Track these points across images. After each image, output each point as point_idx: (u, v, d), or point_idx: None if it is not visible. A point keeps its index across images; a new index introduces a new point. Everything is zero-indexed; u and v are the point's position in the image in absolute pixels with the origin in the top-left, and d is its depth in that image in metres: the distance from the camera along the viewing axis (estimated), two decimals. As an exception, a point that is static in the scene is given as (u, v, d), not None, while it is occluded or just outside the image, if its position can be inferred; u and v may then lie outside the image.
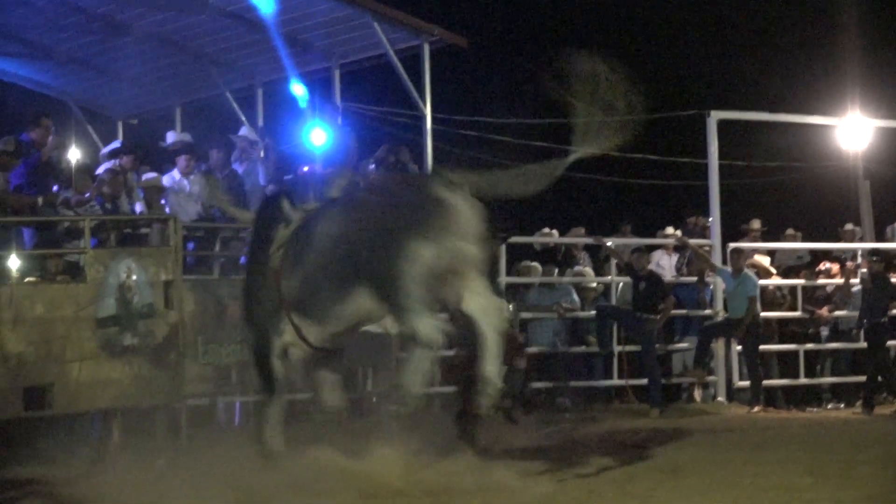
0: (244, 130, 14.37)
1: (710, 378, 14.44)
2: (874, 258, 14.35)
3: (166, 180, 13.04)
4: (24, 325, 9.90)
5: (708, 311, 14.74)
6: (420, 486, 8.14)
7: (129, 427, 10.24)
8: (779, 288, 15.18)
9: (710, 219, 14.99)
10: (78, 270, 10.89)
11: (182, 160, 13.15)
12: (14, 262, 10.40)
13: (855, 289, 14.97)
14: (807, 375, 14.95)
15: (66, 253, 11.11)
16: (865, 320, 14.15)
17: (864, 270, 14.58)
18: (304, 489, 7.77)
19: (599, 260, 15.28)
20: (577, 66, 8.11)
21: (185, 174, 13.10)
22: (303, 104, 14.63)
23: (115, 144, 14.25)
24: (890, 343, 14.47)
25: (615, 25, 25.55)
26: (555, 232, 14.96)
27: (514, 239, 13.77)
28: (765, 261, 15.16)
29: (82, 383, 9.96)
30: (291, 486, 7.84)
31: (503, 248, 13.41)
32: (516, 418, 11.44)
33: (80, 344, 10.10)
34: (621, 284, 14.43)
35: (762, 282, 14.46)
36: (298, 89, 14.48)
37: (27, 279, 10.43)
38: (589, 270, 14.77)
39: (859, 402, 14.18)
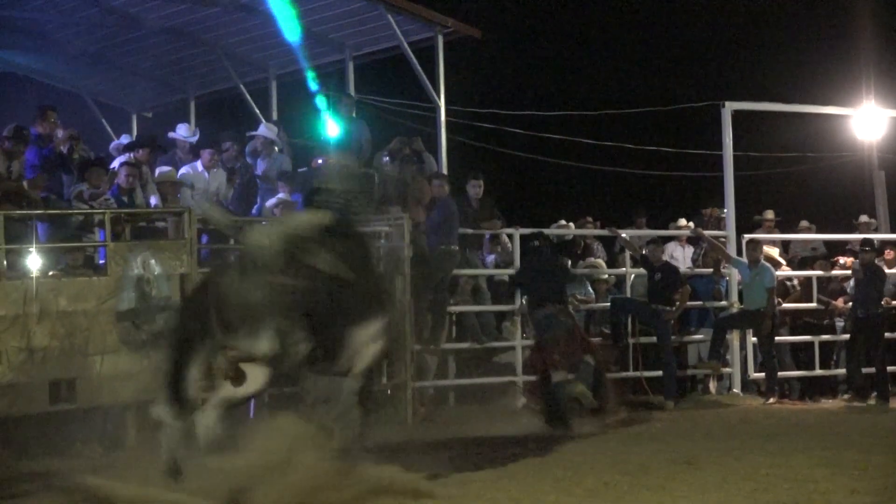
0: (263, 129, 14.40)
1: (726, 370, 14.43)
2: (866, 248, 14.32)
3: (188, 170, 13.12)
4: (49, 319, 9.94)
5: (723, 303, 14.73)
6: (439, 476, 8.15)
7: (144, 420, 10.26)
8: (788, 279, 15.17)
9: (725, 210, 14.98)
10: (94, 264, 10.92)
11: (206, 154, 13.29)
12: (34, 256, 10.42)
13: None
14: (822, 367, 14.93)
15: (87, 246, 11.14)
16: (860, 311, 14.13)
17: (856, 261, 14.56)
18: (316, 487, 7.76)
19: (614, 252, 15.28)
20: None
21: (207, 168, 13.21)
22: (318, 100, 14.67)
23: (124, 140, 14.30)
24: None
25: (629, 17, 25.53)
26: (571, 224, 14.96)
27: (529, 231, 13.78)
28: (773, 251, 15.14)
29: (104, 377, 9.99)
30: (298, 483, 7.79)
31: (517, 240, 13.43)
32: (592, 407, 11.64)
33: (103, 337, 10.14)
34: (633, 276, 14.42)
35: (777, 273, 14.44)
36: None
37: (51, 273, 10.47)
38: (601, 262, 14.77)
39: (874, 394, 14.14)
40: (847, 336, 14.67)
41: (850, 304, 14.53)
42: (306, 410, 8.03)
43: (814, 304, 14.99)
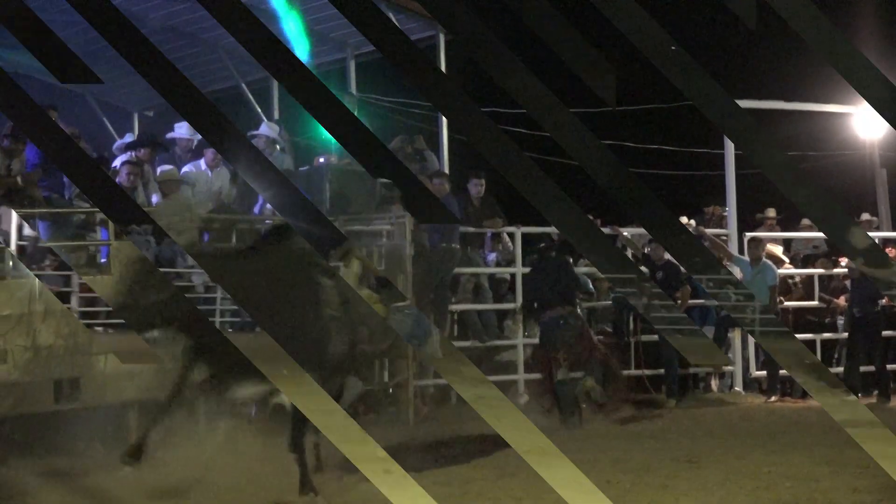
0: (264, 128, 14.41)
1: (727, 368, 14.44)
2: None
3: (191, 168, 13.12)
4: (54, 318, 9.96)
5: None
6: (438, 472, 8.15)
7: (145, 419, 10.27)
8: (790, 277, 15.16)
9: (727, 208, 14.98)
10: (97, 263, 10.93)
11: (210, 153, 13.25)
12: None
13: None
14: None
15: (91, 245, 11.15)
16: (856, 310, 14.12)
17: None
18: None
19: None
20: None
21: (211, 167, 13.21)
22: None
23: (128, 139, 14.29)
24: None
25: (630, 14, 25.50)
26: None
27: (532, 229, 13.79)
28: (777, 249, 15.14)
29: (108, 376, 10.02)
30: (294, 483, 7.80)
31: (519, 238, 13.44)
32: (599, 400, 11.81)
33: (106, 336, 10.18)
34: (636, 274, 14.41)
35: (779, 271, 14.44)
36: None
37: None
38: (603, 261, 14.74)
39: (875, 392, 14.15)
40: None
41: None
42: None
43: (816, 303, 14.99)
